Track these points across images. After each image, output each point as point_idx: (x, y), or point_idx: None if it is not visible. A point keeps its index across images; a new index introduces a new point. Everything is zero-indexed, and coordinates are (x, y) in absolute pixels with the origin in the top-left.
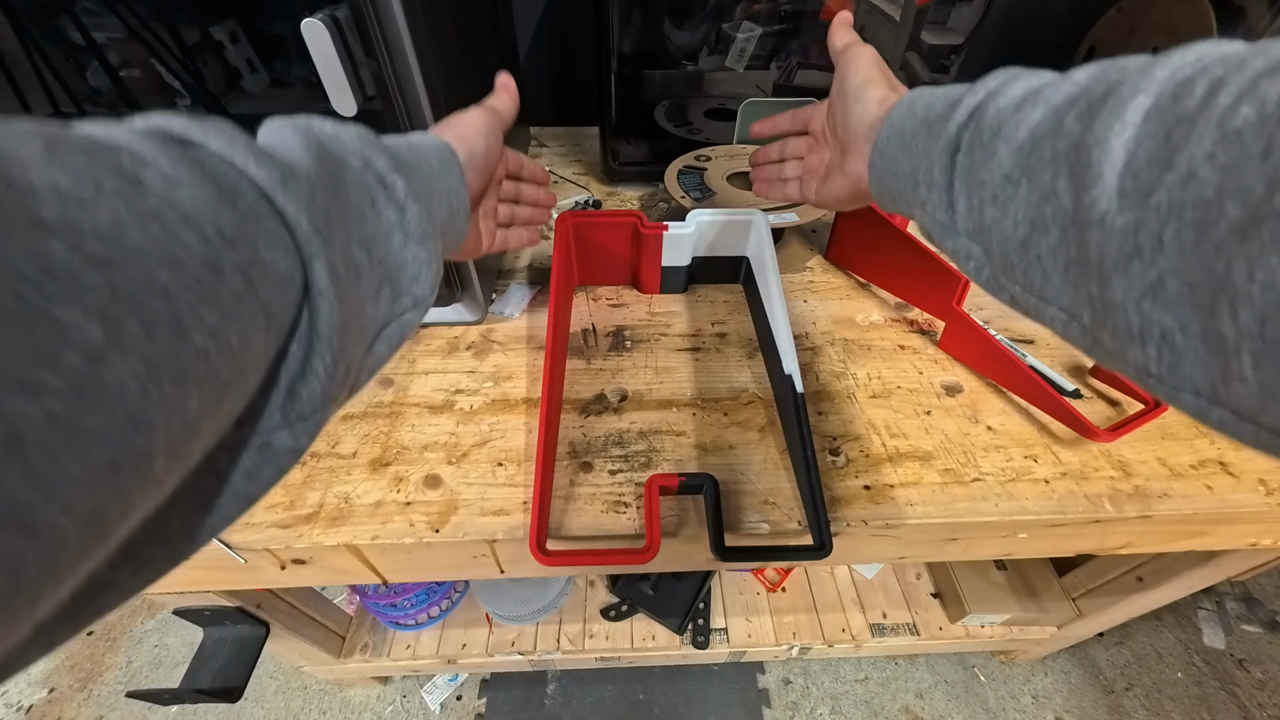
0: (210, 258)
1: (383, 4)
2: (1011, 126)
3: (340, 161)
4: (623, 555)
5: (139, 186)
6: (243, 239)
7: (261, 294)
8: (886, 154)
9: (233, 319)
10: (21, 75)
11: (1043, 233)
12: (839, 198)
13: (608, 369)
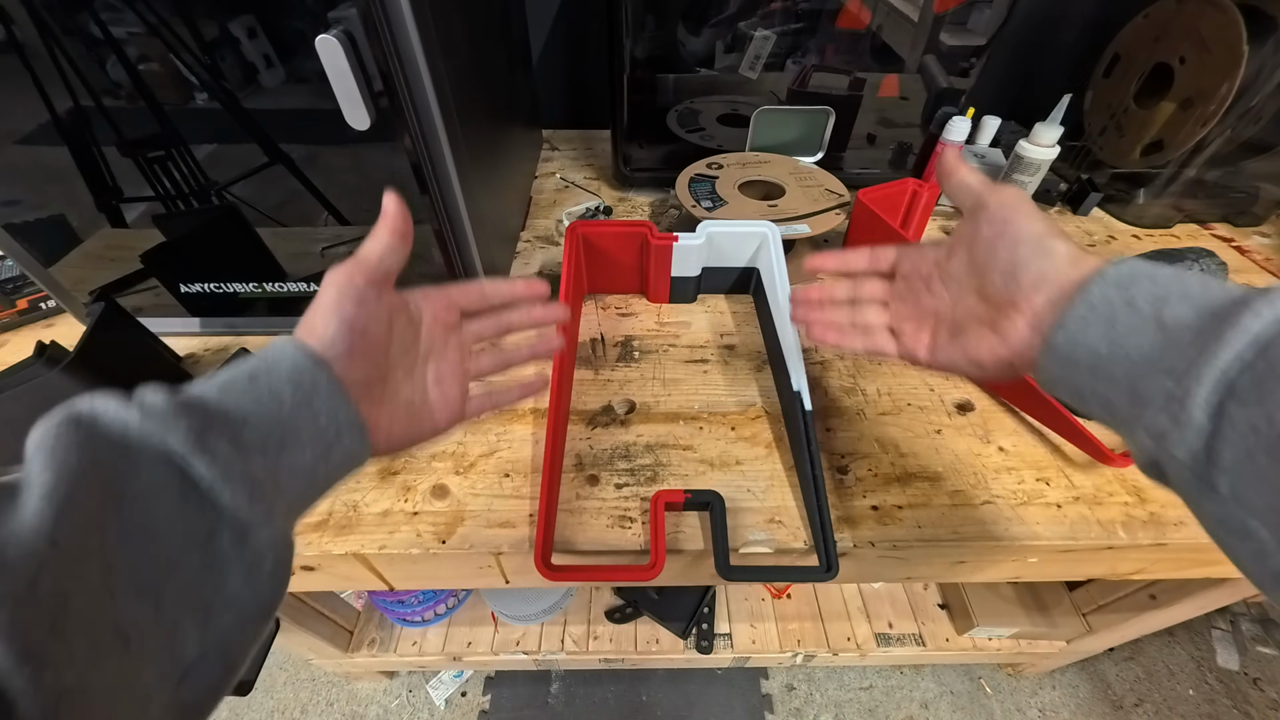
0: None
1: (395, 17)
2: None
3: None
4: (628, 572)
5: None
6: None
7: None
8: (1081, 341)
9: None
10: (41, 69)
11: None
12: (981, 361)
13: (615, 379)
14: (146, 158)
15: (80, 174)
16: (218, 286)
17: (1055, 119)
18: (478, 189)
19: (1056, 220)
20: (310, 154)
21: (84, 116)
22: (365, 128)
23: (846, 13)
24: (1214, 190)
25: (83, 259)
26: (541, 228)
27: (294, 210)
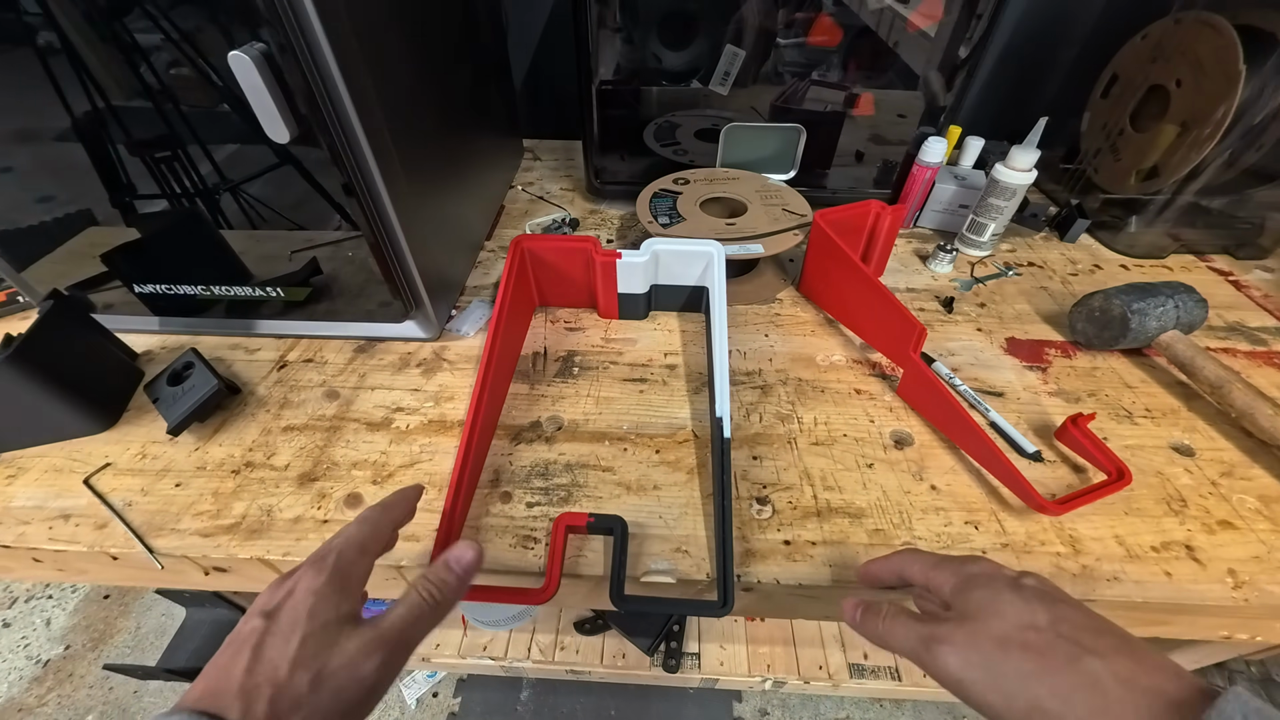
0: None
1: (311, 38)
2: None
3: None
4: (519, 595)
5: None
6: None
7: None
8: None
9: None
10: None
11: None
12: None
13: (550, 395)
14: (154, 158)
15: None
16: (169, 288)
17: (1031, 142)
18: (416, 199)
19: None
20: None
21: (99, 118)
22: (285, 141)
23: (817, 30)
24: (1215, 220)
25: (67, 256)
26: (508, 238)
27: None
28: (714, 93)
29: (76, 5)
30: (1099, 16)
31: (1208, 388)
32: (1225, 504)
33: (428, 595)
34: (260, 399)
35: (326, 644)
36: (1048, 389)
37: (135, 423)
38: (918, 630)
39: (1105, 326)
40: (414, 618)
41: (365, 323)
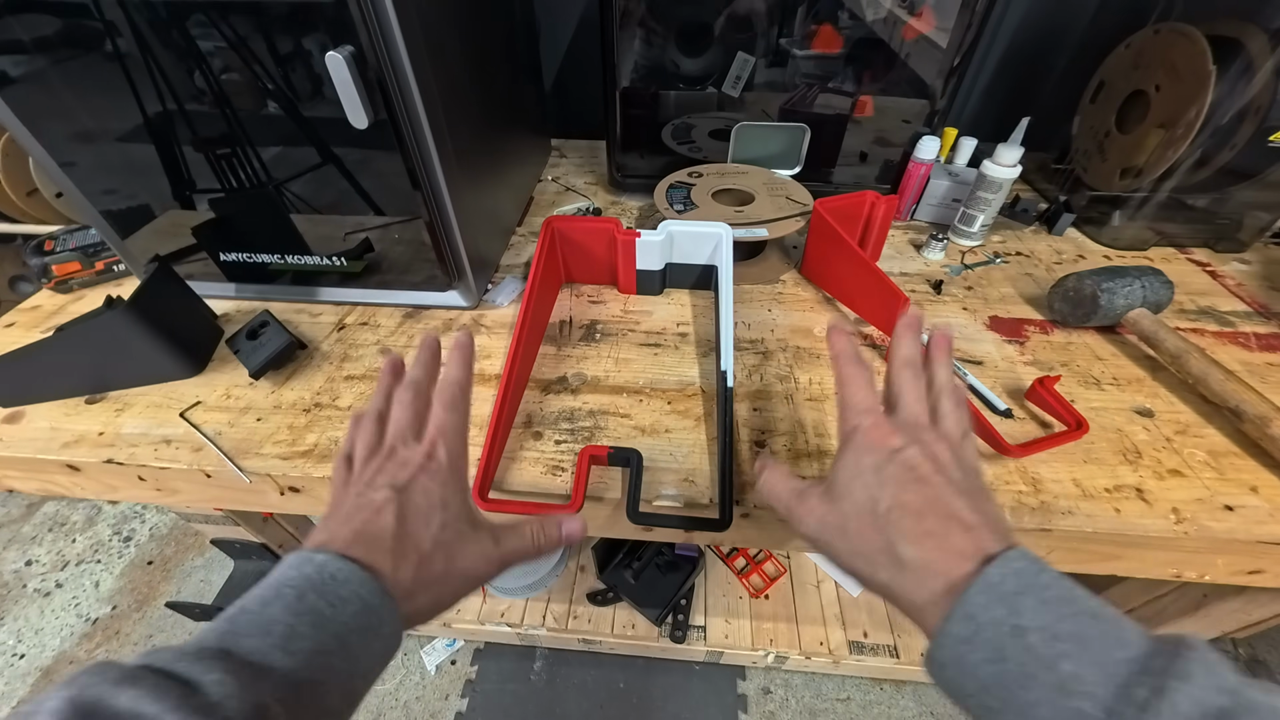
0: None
1: (391, 42)
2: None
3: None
4: (549, 508)
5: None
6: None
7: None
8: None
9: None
10: (139, 77)
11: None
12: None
13: (574, 355)
14: (216, 154)
15: (162, 168)
16: (250, 256)
17: (1015, 140)
18: (465, 187)
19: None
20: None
21: (169, 118)
22: (364, 127)
23: (820, 39)
24: (1197, 215)
25: (152, 233)
26: (537, 224)
27: (330, 203)
28: (726, 96)
29: (218, 26)
30: (1087, 28)
31: (1169, 358)
32: (1177, 456)
33: (535, 538)
34: (324, 354)
35: (459, 538)
36: (1024, 359)
37: (219, 370)
38: (792, 487)
39: (1078, 304)
40: (522, 550)
41: (413, 291)
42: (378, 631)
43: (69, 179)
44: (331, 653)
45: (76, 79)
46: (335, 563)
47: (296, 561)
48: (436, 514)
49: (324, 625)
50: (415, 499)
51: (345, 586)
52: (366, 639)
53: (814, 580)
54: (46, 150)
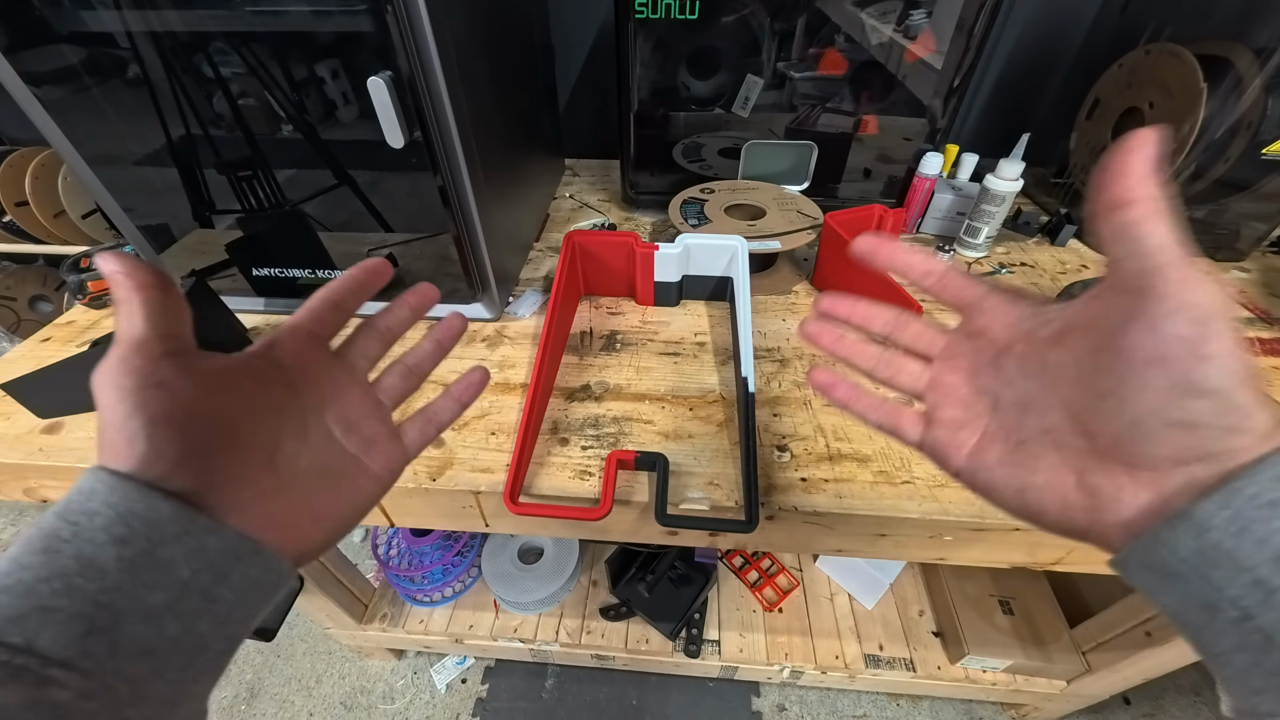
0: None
1: (428, 67)
2: None
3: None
4: (580, 511)
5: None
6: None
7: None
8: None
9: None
10: (163, 102)
11: None
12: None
13: (596, 365)
14: (237, 177)
15: (184, 189)
16: (281, 271)
17: (1017, 155)
18: (491, 204)
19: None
20: (372, 178)
21: (191, 142)
22: (400, 145)
23: (826, 61)
24: (1196, 227)
25: (180, 250)
26: (554, 240)
27: (354, 221)
28: (735, 116)
29: (260, 55)
30: (1079, 49)
31: None
32: None
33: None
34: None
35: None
36: None
37: None
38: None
39: None
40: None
41: (438, 304)
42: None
43: (110, 195)
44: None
45: (117, 102)
46: (88, 478)
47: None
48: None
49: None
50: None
51: (92, 499)
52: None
53: (827, 593)
54: (91, 170)
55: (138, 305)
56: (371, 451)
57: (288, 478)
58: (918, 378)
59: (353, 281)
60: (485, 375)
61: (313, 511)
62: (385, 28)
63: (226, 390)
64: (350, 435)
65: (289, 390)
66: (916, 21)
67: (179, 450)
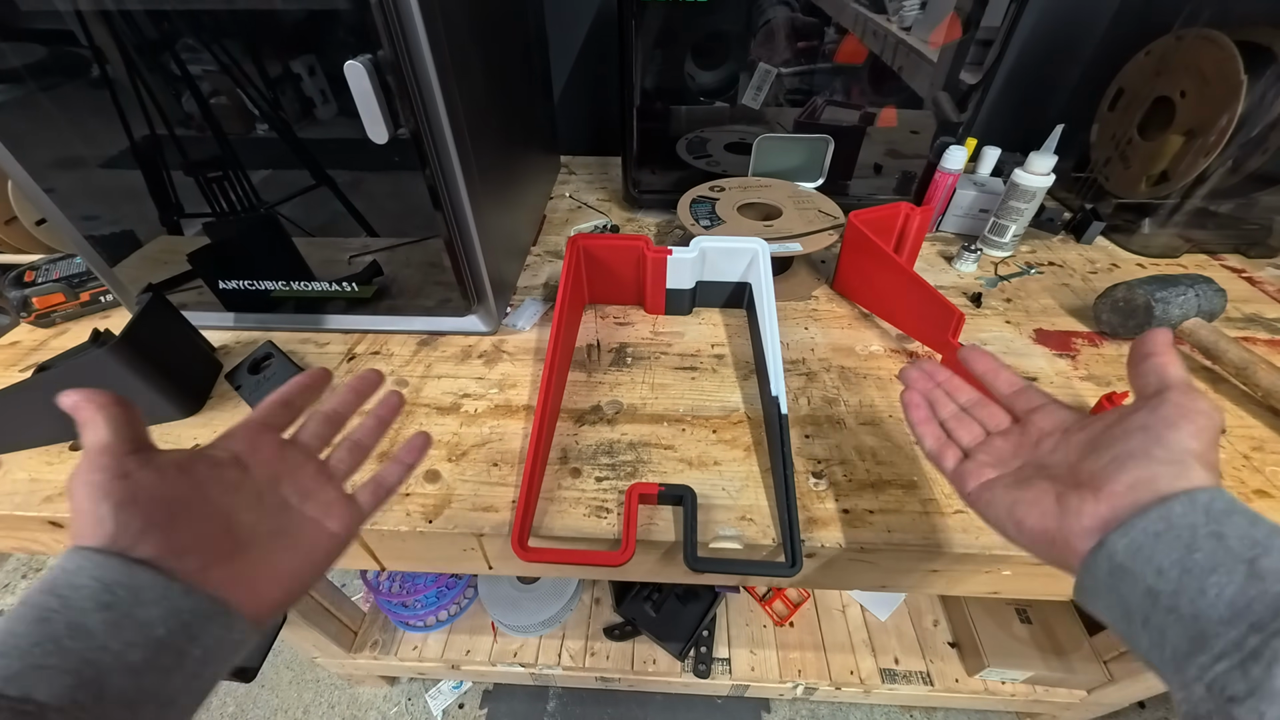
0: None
1: (415, 49)
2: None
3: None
4: (599, 556)
5: None
6: None
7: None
8: (1146, 555)
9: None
10: (126, 102)
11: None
12: (1022, 523)
13: (607, 382)
14: (206, 178)
15: (149, 193)
16: (251, 284)
17: (1049, 148)
18: (487, 206)
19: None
20: (352, 178)
21: (156, 143)
22: (383, 141)
23: (844, 50)
24: (1225, 222)
25: (140, 261)
26: (552, 243)
27: (334, 225)
28: (741, 109)
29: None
30: (1102, 37)
31: (1233, 370)
32: (1259, 475)
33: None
34: (334, 388)
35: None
36: (1078, 374)
37: (219, 409)
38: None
39: (1130, 315)
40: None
41: (428, 317)
42: (136, 602)
43: (54, 205)
44: (62, 644)
45: (64, 102)
46: (67, 557)
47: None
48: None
49: (48, 620)
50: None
51: (78, 574)
52: (118, 614)
53: (839, 605)
54: (31, 177)
55: (101, 421)
56: (329, 513)
57: (246, 540)
58: (976, 437)
59: (301, 386)
60: (427, 439)
61: (273, 570)
62: (364, 3)
63: (182, 475)
64: (307, 502)
65: (242, 471)
66: (941, 5)
67: (141, 525)
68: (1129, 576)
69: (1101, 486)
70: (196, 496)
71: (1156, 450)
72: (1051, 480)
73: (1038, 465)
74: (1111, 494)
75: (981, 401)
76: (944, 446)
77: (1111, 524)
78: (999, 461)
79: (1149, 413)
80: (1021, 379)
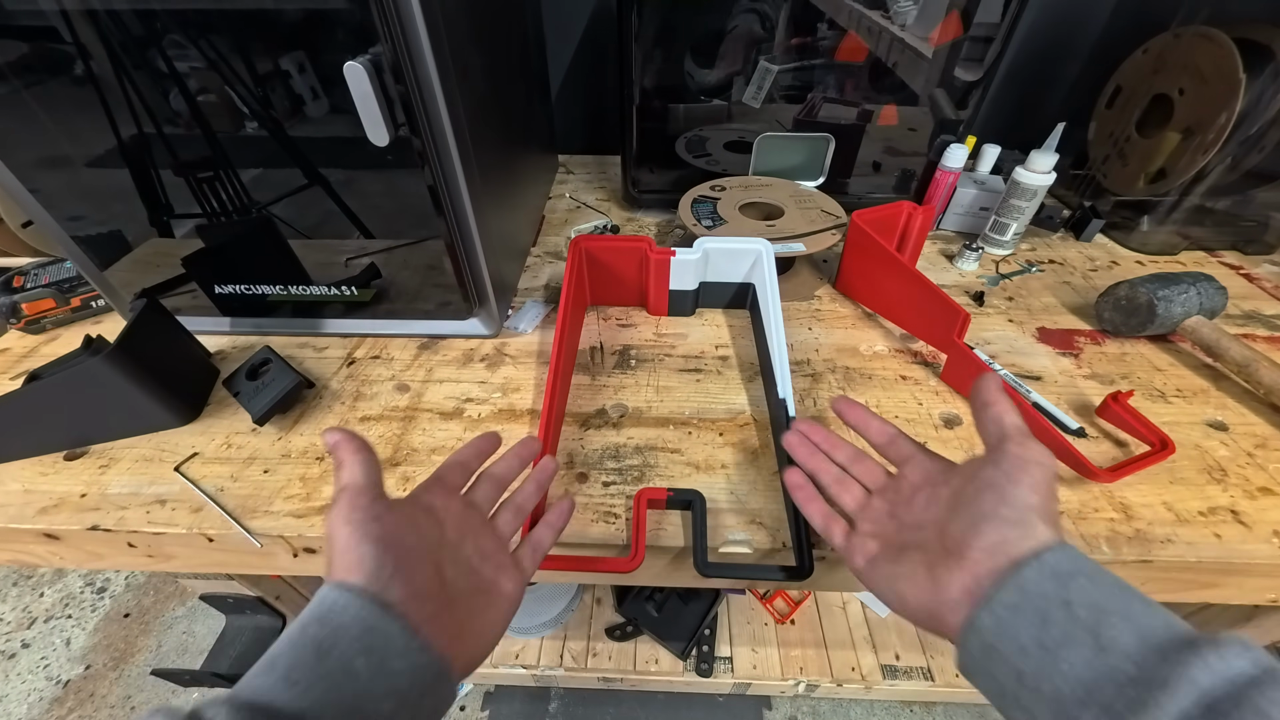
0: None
1: (416, 50)
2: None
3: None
4: (608, 563)
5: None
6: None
7: None
8: (1008, 632)
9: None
10: (113, 100)
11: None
12: (905, 599)
13: (611, 385)
14: (197, 178)
15: (138, 193)
16: (248, 288)
17: (1050, 146)
18: (488, 207)
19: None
20: (346, 177)
21: (145, 142)
22: (384, 144)
23: (845, 47)
24: (1222, 218)
25: (131, 264)
26: (552, 244)
27: (329, 226)
28: (740, 107)
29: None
30: (1100, 34)
31: (1235, 367)
32: (1263, 473)
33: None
34: (334, 392)
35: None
36: (1082, 373)
37: (217, 416)
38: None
39: (1132, 314)
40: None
41: (428, 321)
42: (387, 652)
43: (41, 207)
44: (337, 681)
45: (48, 99)
46: (334, 591)
47: (315, 597)
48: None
49: (326, 654)
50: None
51: (345, 613)
52: (375, 660)
53: (840, 602)
54: (17, 178)
55: (358, 463)
56: (501, 575)
57: (452, 596)
58: (858, 500)
59: (479, 451)
60: (572, 504)
61: (475, 627)
62: (364, 1)
63: (407, 522)
64: (485, 563)
65: (438, 526)
66: (939, 2)
67: (392, 568)
68: (998, 656)
69: (964, 554)
70: (418, 543)
71: (1003, 510)
72: (923, 550)
73: (915, 527)
74: (973, 562)
75: (859, 456)
76: (830, 521)
77: (976, 594)
78: (879, 529)
79: (994, 467)
80: (893, 427)
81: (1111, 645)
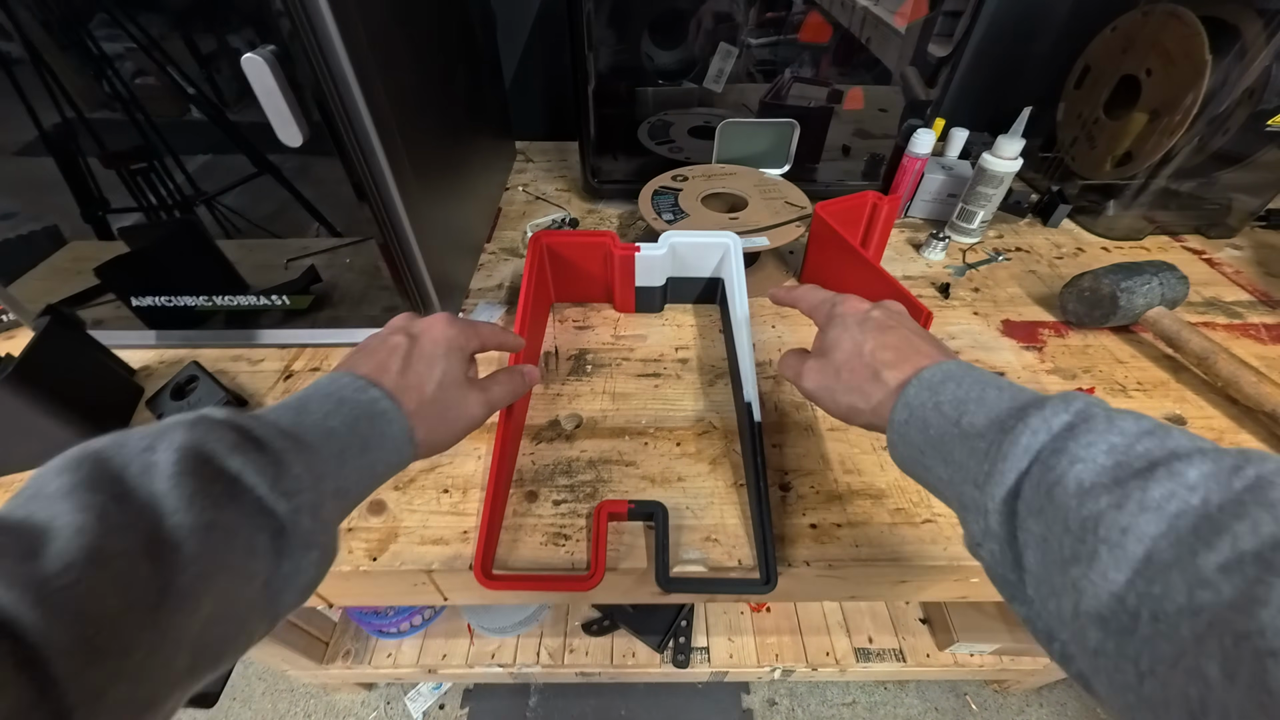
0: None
1: (324, 38)
2: (1114, 530)
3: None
4: (567, 582)
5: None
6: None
7: None
8: (909, 440)
9: None
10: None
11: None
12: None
13: (565, 394)
14: (130, 170)
15: (68, 186)
16: (169, 300)
17: (1017, 131)
18: (425, 201)
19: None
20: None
21: (70, 129)
22: (298, 144)
23: (808, 27)
24: (1186, 202)
25: (49, 272)
26: (508, 239)
27: (275, 225)
28: (705, 91)
29: None
30: (1069, 11)
31: (1194, 359)
32: None
33: (513, 385)
34: None
35: (456, 388)
36: (1045, 367)
37: None
38: (795, 364)
39: (1095, 305)
40: (505, 395)
41: (372, 328)
42: (387, 420)
43: None
44: (350, 434)
45: None
46: (346, 376)
47: (320, 381)
48: (438, 364)
49: (342, 408)
50: (424, 348)
51: (353, 387)
52: (377, 425)
53: None
54: None
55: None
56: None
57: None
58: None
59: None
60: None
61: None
62: None
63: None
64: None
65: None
66: None
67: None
68: (909, 461)
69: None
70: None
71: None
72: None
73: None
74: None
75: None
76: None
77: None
78: (819, 351)
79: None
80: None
81: (970, 430)
